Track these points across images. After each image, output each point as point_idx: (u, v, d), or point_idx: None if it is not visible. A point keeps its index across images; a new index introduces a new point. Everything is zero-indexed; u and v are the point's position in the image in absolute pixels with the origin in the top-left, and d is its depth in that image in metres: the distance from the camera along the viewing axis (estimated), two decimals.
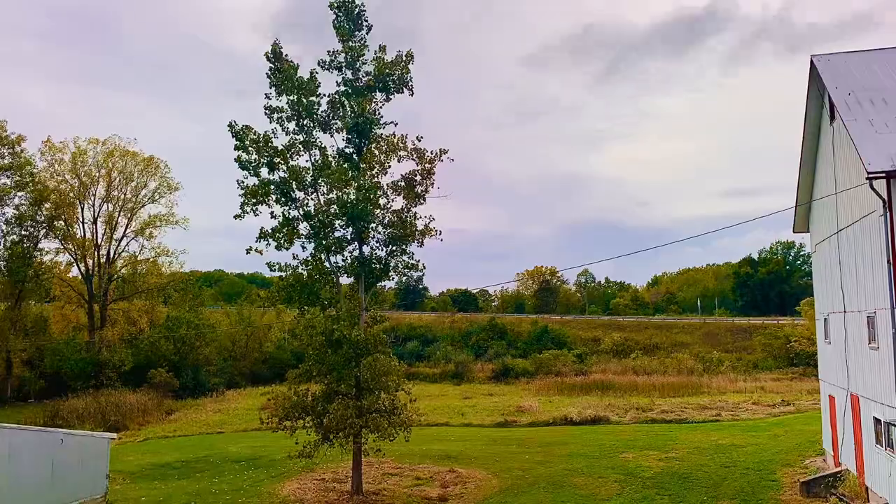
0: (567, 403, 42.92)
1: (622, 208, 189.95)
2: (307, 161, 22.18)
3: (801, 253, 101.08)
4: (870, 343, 17.38)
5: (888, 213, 15.44)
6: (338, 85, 22.00)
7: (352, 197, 21.27)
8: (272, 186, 21.60)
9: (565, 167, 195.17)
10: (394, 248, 22.33)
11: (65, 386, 51.81)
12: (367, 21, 21.75)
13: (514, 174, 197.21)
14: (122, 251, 64.36)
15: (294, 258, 22.18)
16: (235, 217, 21.53)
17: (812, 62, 20.45)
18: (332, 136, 22.31)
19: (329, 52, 21.80)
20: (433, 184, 22.13)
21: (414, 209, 22.23)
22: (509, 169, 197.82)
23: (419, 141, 22.11)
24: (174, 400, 50.87)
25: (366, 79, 21.73)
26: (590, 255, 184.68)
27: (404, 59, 21.73)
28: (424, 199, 22.20)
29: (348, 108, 21.73)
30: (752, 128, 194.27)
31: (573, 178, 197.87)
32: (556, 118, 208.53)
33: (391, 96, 22.14)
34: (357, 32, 21.69)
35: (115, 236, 63.44)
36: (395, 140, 22.04)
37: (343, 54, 21.71)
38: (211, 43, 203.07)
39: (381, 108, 22.17)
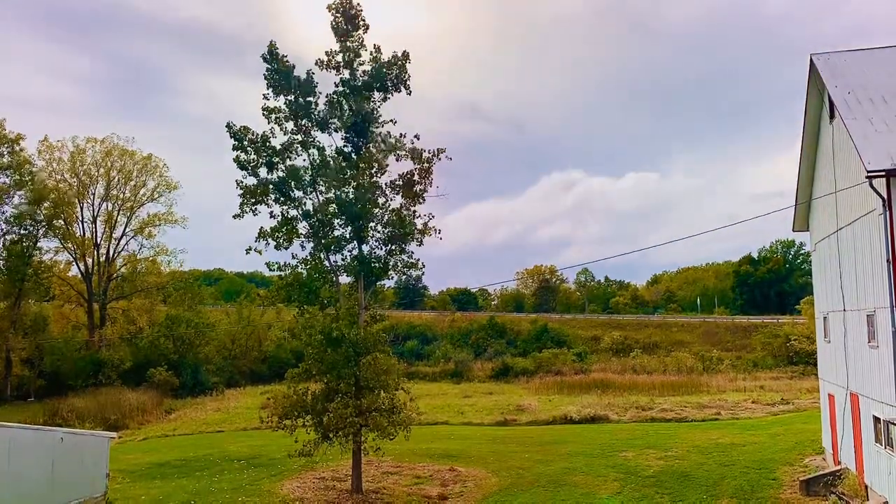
0: (567, 402, 42.92)
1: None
2: (305, 161, 22.22)
3: (801, 252, 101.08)
4: (869, 342, 17.38)
5: (888, 212, 15.44)
6: (336, 86, 22.05)
7: (350, 196, 21.29)
8: (271, 186, 21.63)
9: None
10: (393, 248, 22.35)
11: (64, 385, 51.84)
12: (363, 21, 21.81)
13: None
14: (122, 250, 64.71)
15: (293, 257, 22.21)
16: (235, 217, 21.60)
17: (812, 61, 20.43)
18: (330, 135, 22.34)
19: (327, 52, 21.85)
20: (431, 183, 22.18)
21: (413, 208, 22.27)
22: None
23: (417, 139, 22.19)
24: (174, 399, 50.90)
25: (363, 78, 21.79)
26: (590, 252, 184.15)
27: (401, 59, 21.82)
28: (423, 199, 22.25)
29: (346, 108, 21.74)
30: None
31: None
32: None
33: (389, 95, 22.16)
34: (354, 32, 21.72)
35: (114, 235, 63.72)
36: (394, 140, 22.08)
37: (340, 54, 21.75)
38: None
39: (378, 107, 22.20)
